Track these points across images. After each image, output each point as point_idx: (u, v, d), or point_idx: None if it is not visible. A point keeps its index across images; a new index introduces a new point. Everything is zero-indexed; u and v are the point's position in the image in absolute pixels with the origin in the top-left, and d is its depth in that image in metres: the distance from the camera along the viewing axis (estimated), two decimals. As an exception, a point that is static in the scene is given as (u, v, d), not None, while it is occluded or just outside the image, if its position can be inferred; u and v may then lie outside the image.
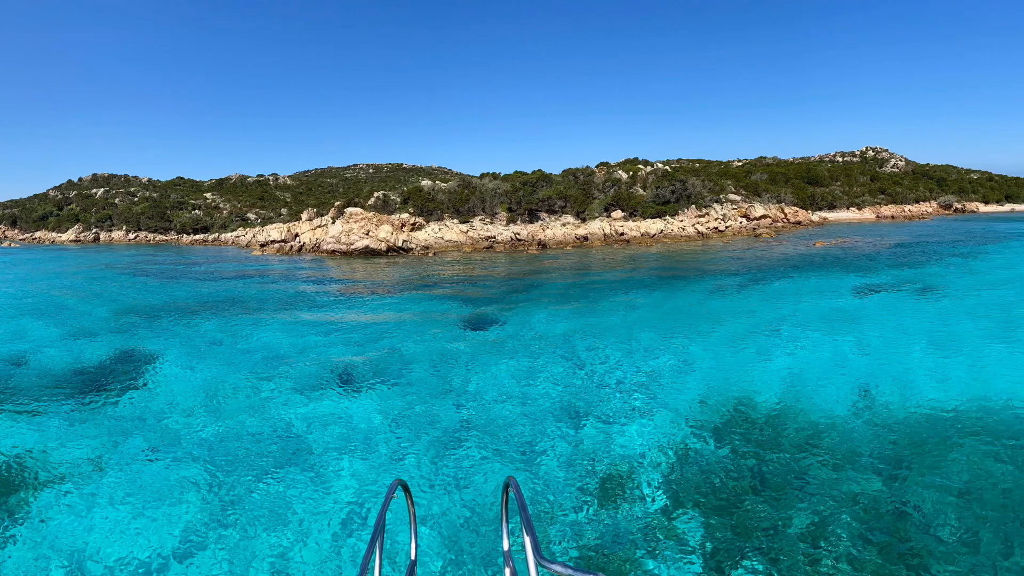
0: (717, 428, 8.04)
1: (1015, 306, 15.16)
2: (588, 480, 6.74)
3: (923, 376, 10.16)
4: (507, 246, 32.95)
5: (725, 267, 23.50)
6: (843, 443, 7.64)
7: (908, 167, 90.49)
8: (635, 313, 15.07)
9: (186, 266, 31.06)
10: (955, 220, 56.05)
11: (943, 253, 27.64)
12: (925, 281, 19.49)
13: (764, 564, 5.32)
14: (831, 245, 31.01)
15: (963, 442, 7.59)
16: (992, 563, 5.27)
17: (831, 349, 11.46)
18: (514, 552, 1.87)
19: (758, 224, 40.65)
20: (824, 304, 15.56)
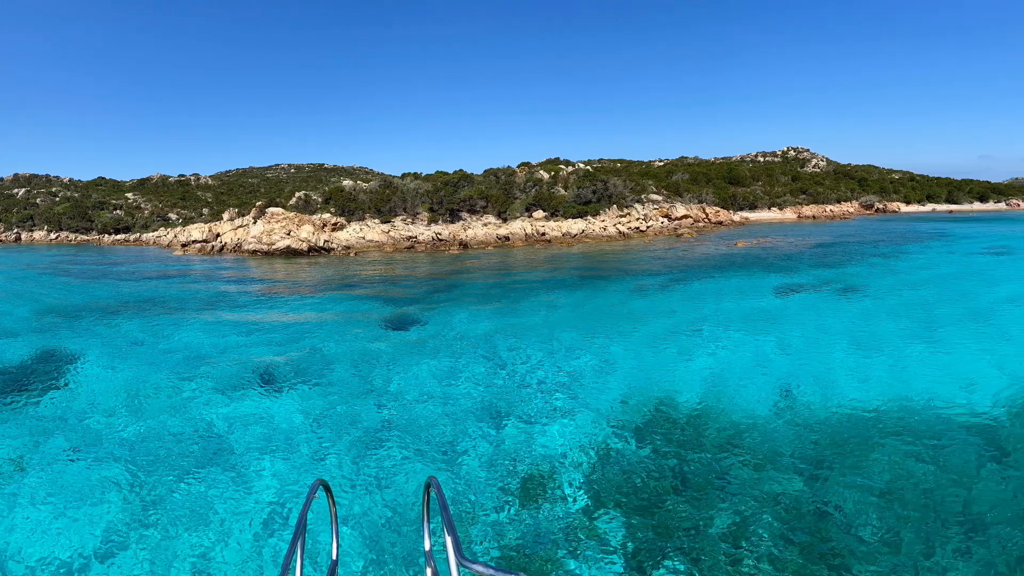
0: (639, 428, 13.61)
1: (936, 306, 25.04)
2: (510, 480, 11.45)
3: (844, 376, 16.58)
4: (429, 246, 55.89)
5: (647, 267, 39.17)
6: (764, 443, 12.74)
7: (830, 167, 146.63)
8: (557, 313, 25.31)
9: (107, 266, 50.82)
10: (877, 220, 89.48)
11: (864, 253, 44.16)
12: (846, 281, 31.44)
13: (686, 564, 9.01)
14: (752, 245, 52.35)
15: (884, 442, 12.73)
16: (914, 563, 9.37)
17: (752, 349, 19.40)
18: (435, 552, 3.36)
19: (679, 224, 70.02)
20: (745, 304, 26.27)
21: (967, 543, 9.36)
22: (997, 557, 8.96)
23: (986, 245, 51.21)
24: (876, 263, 38.96)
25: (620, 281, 33.33)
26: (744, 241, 55.56)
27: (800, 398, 15.14)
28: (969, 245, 51.29)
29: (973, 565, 8.89)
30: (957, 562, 8.98)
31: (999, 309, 24.18)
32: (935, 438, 12.85)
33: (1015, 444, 12.29)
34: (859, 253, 44.63)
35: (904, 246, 49.54)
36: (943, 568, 8.92)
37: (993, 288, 29.21)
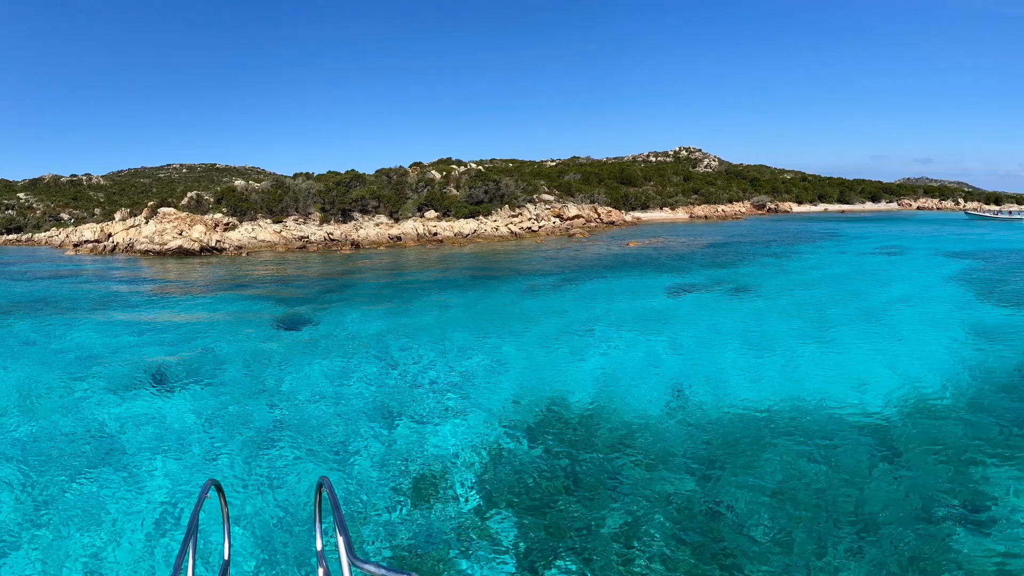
0: (531, 428, 14.47)
1: (828, 306, 26.51)
2: (401, 480, 12.19)
3: (736, 376, 17.37)
4: (320, 246, 58.93)
5: (538, 267, 41.72)
6: (656, 443, 13.36)
7: (722, 167, 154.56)
8: (448, 313, 26.84)
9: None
10: (769, 220, 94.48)
11: (756, 253, 46.56)
12: (738, 281, 32.99)
13: (577, 564, 9.51)
14: (644, 245, 55.46)
15: (776, 442, 13.33)
16: (805, 563, 9.85)
17: (644, 349, 20.58)
18: (327, 552, 3.60)
19: (571, 224, 73.92)
20: (638, 304, 27.90)
21: (859, 543, 9.84)
22: (889, 557, 9.45)
23: (878, 245, 54.74)
24: (768, 263, 41.26)
25: (512, 281, 35.21)
26: (636, 241, 58.36)
27: (692, 398, 15.95)
28: (861, 245, 54.69)
29: (865, 565, 9.34)
30: (849, 562, 9.42)
31: (891, 309, 25.74)
32: (827, 438, 13.52)
33: (907, 444, 13.05)
34: (751, 253, 47.15)
35: (796, 246, 52.83)
36: (835, 568, 9.35)
37: (885, 288, 31.12)
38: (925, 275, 35.96)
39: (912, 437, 13.35)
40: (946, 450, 12.68)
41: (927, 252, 48.67)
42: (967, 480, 11.53)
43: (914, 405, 15.07)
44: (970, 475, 11.68)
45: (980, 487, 11.25)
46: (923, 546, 9.63)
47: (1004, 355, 18.74)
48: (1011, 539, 9.67)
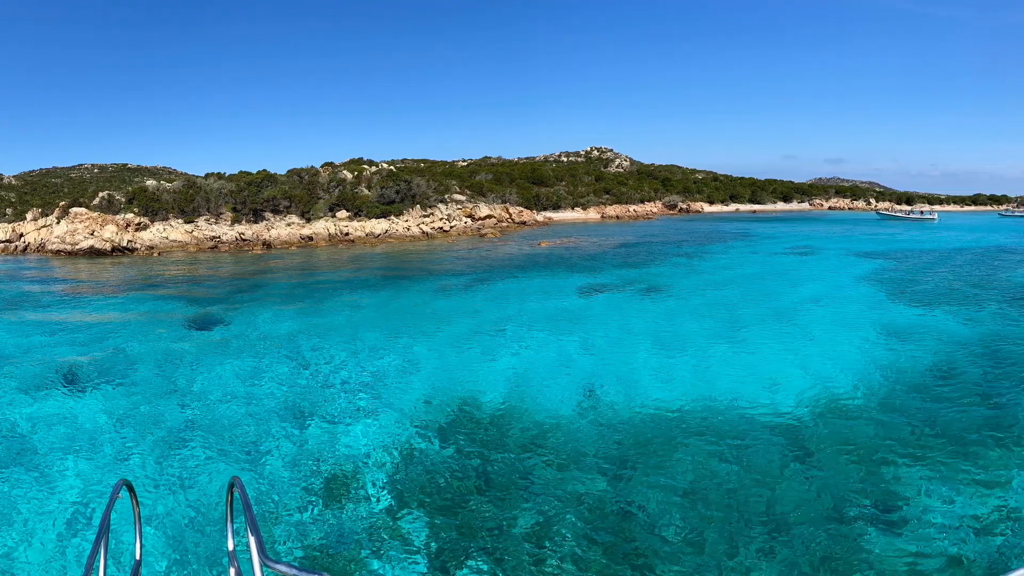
0: (442, 428, 14.92)
1: (739, 306, 27.33)
2: (313, 480, 12.52)
3: (648, 376, 17.76)
4: (232, 246, 60.40)
5: (450, 267, 43.21)
6: (568, 443, 13.66)
7: (633, 167, 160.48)
8: (360, 313, 27.72)
9: (-92, 268, 51.40)
10: (680, 220, 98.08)
11: (668, 253, 48.13)
12: (650, 281, 33.97)
13: (489, 564, 9.78)
14: (556, 245, 57.74)
15: (688, 442, 13.62)
16: (717, 563, 10.09)
17: (556, 349, 21.20)
18: (239, 552, 3.66)
19: (483, 224, 76.61)
20: (549, 304, 28.84)
21: (771, 543, 10.10)
22: (800, 557, 9.72)
23: (789, 245, 56.96)
24: (680, 263, 42.68)
25: (424, 281, 36.36)
26: (548, 241, 60.37)
27: (604, 398, 16.38)
28: (772, 245, 56.81)
29: (776, 565, 9.59)
30: (761, 562, 9.66)
31: (802, 309, 26.68)
32: (739, 438, 13.88)
33: (818, 444, 13.47)
34: (663, 253, 48.73)
35: (708, 246, 54.83)
36: (747, 568, 9.59)
37: (796, 288, 32.28)
38: (837, 275, 37.46)
39: (824, 437, 13.77)
40: (858, 450, 13.11)
41: (839, 252, 50.84)
42: (879, 480, 11.93)
43: (826, 405, 15.58)
44: (882, 475, 12.10)
45: (891, 487, 11.65)
46: (835, 546, 9.91)
47: (915, 355, 19.55)
48: (922, 539, 10.03)
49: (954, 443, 13.31)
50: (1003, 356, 19.33)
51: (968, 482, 11.71)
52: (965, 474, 12.02)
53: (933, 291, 31.07)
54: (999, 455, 12.73)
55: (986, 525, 10.35)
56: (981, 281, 34.76)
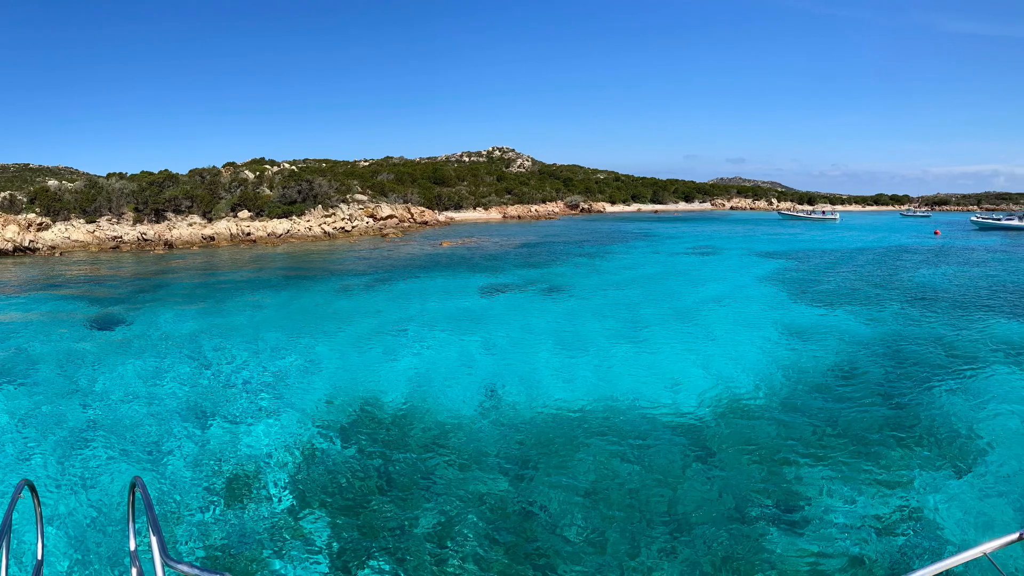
0: (344, 428, 15.30)
1: (641, 306, 28.00)
2: (215, 480, 12.75)
3: (550, 376, 18.05)
4: (134, 246, 61.96)
5: (352, 267, 44.65)
6: (470, 443, 13.96)
7: (535, 167, 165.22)
8: (262, 313, 28.39)
9: None
10: (582, 220, 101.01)
11: (570, 253, 49.34)
12: (552, 281, 34.74)
13: (391, 564, 9.99)
14: (458, 245, 59.70)
15: (590, 442, 13.83)
16: (619, 563, 10.26)
17: (458, 349, 21.84)
18: (141, 552, 3.71)
19: (385, 224, 79.59)
20: (451, 304, 29.78)
21: (672, 543, 10.31)
22: (702, 557, 9.94)
23: (691, 245, 58.70)
24: (581, 263, 43.89)
25: (325, 281, 37.47)
26: (449, 241, 61.84)
27: (505, 398, 16.77)
28: (674, 245, 58.53)
29: (678, 565, 9.79)
30: (662, 562, 9.85)
31: (704, 309, 27.38)
32: (640, 438, 14.14)
33: (720, 444, 13.82)
34: (564, 253, 50.09)
35: (609, 246, 56.60)
36: (648, 568, 9.76)
37: (698, 288, 33.21)
38: (738, 275, 38.69)
39: (725, 437, 14.14)
40: (759, 450, 13.49)
41: (740, 252, 52.70)
42: (780, 480, 12.30)
43: (727, 405, 16.01)
44: (783, 475, 12.48)
45: (793, 487, 12.01)
46: (736, 546, 10.17)
47: (817, 355, 20.28)
48: (824, 539, 10.35)
49: (856, 443, 13.77)
50: (904, 356, 20.14)
51: (870, 482, 12.11)
52: (867, 474, 12.43)
53: (835, 291, 32.33)
54: (901, 455, 13.21)
55: (888, 525, 10.71)
56: (882, 281, 36.34)
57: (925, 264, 45.42)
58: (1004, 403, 15.88)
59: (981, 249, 57.81)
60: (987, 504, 11.29)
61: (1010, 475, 12.30)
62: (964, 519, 10.84)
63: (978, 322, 24.76)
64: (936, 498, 11.44)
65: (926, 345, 21.32)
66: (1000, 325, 24.32)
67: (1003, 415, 15.16)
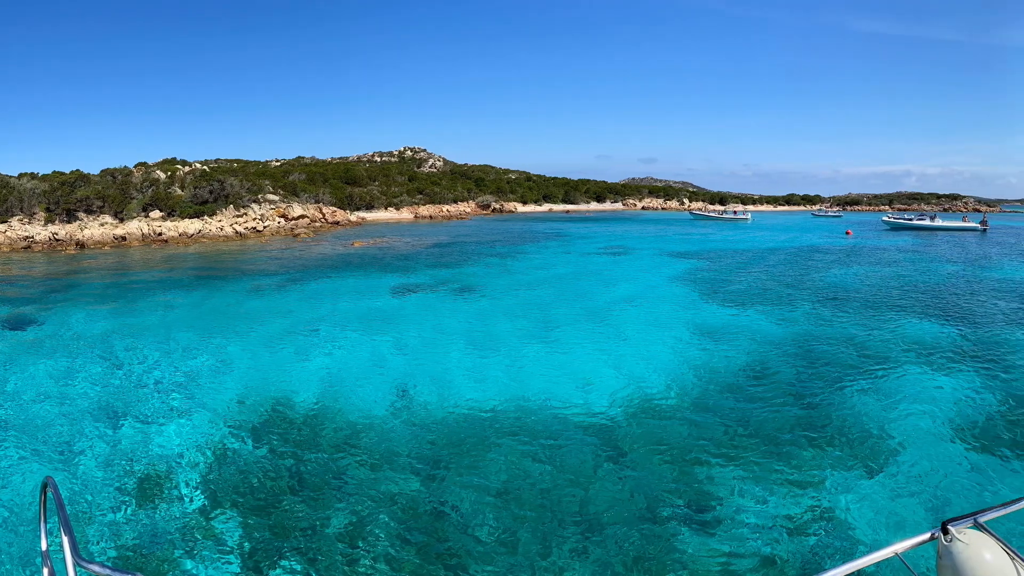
0: (255, 428, 15.55)
1: (553, 306, 28.47)
2: (126, 480, 13.00)
3: (461, 376, 18.29)
4: (45, 246, 62.74)
5: (263, 267, 45.67)
6: (381, 443, 14.18)
7: (447, 167, 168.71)
8: (173, 313, 29.05)
9: None
10: (494, 220, 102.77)
11: (481, 253, 50.18)
12: (463, 281, 35.22)
13: (302, 564, 10.17)
14: (369, 245, 60.98)
15: (501, 442, 13.99)
16: (530, 563, 10.37)
17: (369, 349, 22.32)
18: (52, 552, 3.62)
19: (296, 224, 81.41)
20: (362, 304, 30.53)
21: (584, 543, 10.45)
22: (614, 557, 10.10)
23: (602, 245, 59.90)
24: (493, 263, 44.74)
25: (237, 281, 38.20)
26: (361, 241, 62.25)
27: (417, 398, 16.97)
28: (585, 245, 59.79)
29: (590, 565, 9.94)
30: (574, 562, 9.98)
31: (615, 309, 27.89)
32: (552, 438, 14.32)
33: (631, 444, 14.06)
34: (476, 253, 51.04)
35: (521, 246, 57.87)
36: (560, 568, 9.89)
37: (609, 288, 33.82)
38: (650, 275, 39.56)
39: (637, 437, 14.39)
40: (671, 450, 13.74)
41: (652, 252, 53.91)
42: (692, 480, 12.54)
43: (639, 405, 16.28)
44: (695, 475, 12.72)
45: (705, 487, 12.26)
46: (648, 546, 10.35)
47: (729, 355, 20.75)
48: (736, 539, 10.59)
49: (767, 443, 14.07)
50: (816, 356, 20.70)
51: (781, 482, 12.39)
52: (778, 474, 12.71)
53: (746, 291, 33.19)
54: (812, 455, 13.52)
55: (799, 525, 10.98)
56: (794, 281, 37.42)
57: (836, 264, 46.94)
58: (916, 403, 16.36)
59: (892, 249, 59.90)
60: (899, 504, 11.64)
61: (922, 475, 12.69)
62: (876, 519, 11.16)
63: (889, 322, 25.59)
64: (848, 498, 11.75)
65: (837, 345, 21.94)
66: (911, 325, 25.14)
67: (915, 415, 15.61)
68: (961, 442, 14.24)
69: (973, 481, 12.55)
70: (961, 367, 19.50)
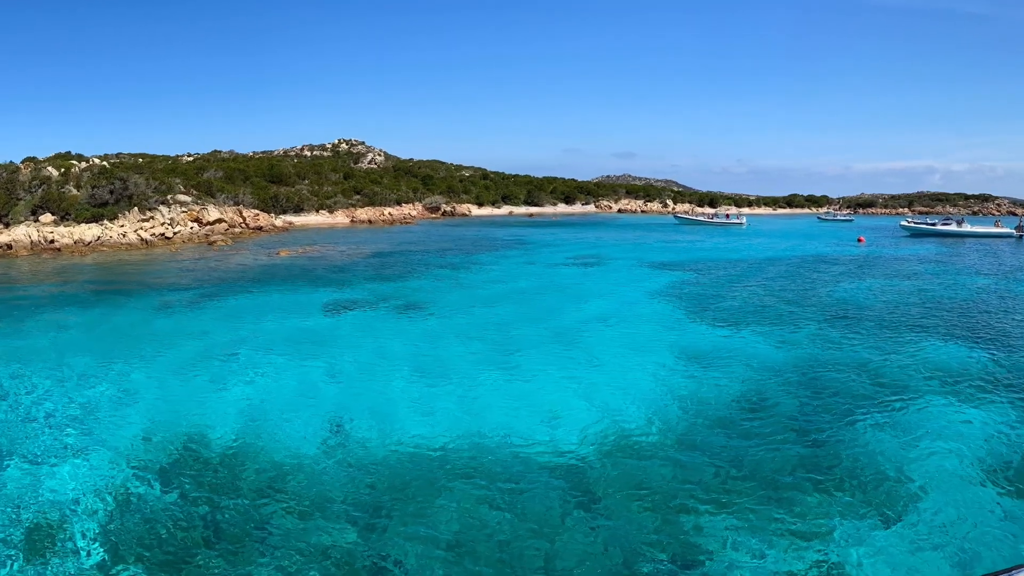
0: (164, 469, 15.44)
1: (513, 326, 28.63)
2: (12, 531, 12.84)
3: (406, 408, 18.40)
4: None
5: (174, 280, 45.45)
6: (312, 487, 14.17)
7: (389, 163, 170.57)
8: (68, 334, 28.94)
9: None
10: (444, 225, 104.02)
11: (429, 264, 50.56)
12: (408, 297, 35.58)
13: None
14: (298, 254, 61.90)
15: (453, 485, 14.02)
16: None
17: (298, 376, 22.49)
18: None
19: (212, 230, 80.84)
20: (290, 324, 30.90)
21: (550, 605, 10.54)
22: (585, 620, 10.20)
23: (572, 254, 60.37)
24: (443, 276, 45.10)
25: (143, 297, 38.31)
26: (288, 250, 62.84)
27: (354, 434, 17.02)
28: (552, 255, 60.24)
29: (555, 628, 10.01)
30: (538, 626, 10.06)
31: (587, 330, 28.06)
32: (512, 481, 14.42)
33: (606, 488, 14.15)
34: (423, 264, 51.31)
35: (476, 255, 58.16)
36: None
37: (580, 305, 34.09)
38: (627, 290, 39.96)
39: (612, 480, 14.49)
40: (652, 495, 13.84)
41: (630, 263, 54.48)
42: (677, 530, 12.61)
43: (615, 442, 16.39)
44: (680, 524, 12.80)
45: (692, 538, 12.34)
46: (625, 608, 10.49)
47: (720, 383, 20.96)
48: (727, 600, 10.74)
49: (765, 487, 14.10)
50: (823, 385, 20.85)
51: (782, 533, 12.42)
52: (778, 523, 12.73)
53: (741, 309, 33.59)
54: (818, 501, 13.53)
55: (803, 584, 11.05)
56: (797, 297, 37.84)
57: (847, 277, 47.54)
58: (940, 440, 16.44)
59: (912, 259, 60.71)
60: (920, 559, 11.73)
61: (947, 524, 12.74)
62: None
63: (909, 345, 25.88)
64: (860, 552, 11.79)
65: (848, 372, 22.13)
66: (935, 348, 25.43)
67: (939, 454, 15.66)
68: (993, 486, 14.27)
69: (1007, 531, 12.61)
70: (993, 398, 19.66)
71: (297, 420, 18.03)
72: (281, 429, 17.43)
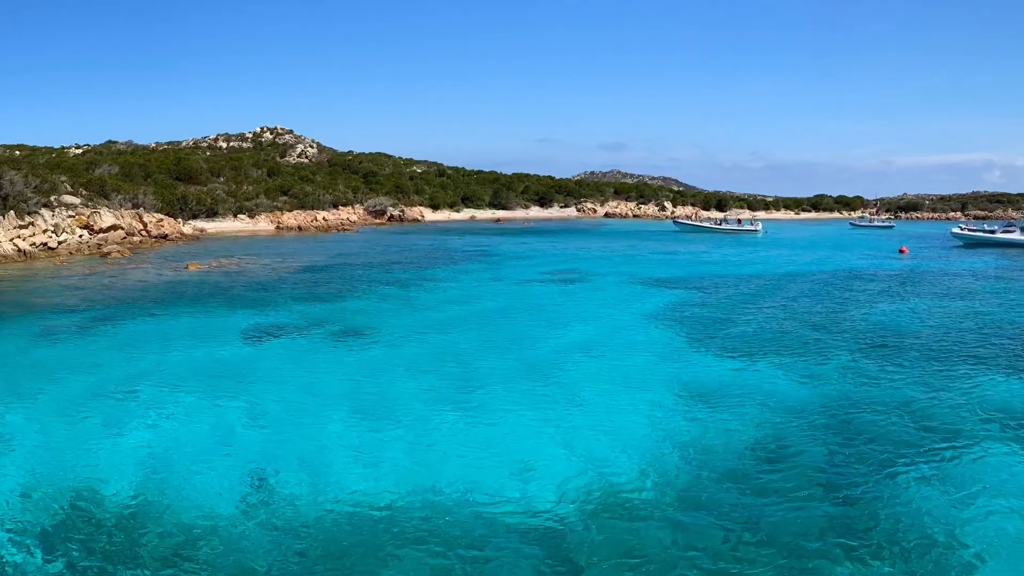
0: (47, 533, 14.97)
1: (476, 356, 28.53)
2: None
3: (344, 458, 18.10)
4: None
5: (59, 301, 44.73)
6: (229, 554, 13.82)
7: (323, 156, 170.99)
8: None
9: None
10: (391, 232, 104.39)
11: (373, 280, 50.57)
12: (346, 321, 35.47)
13: None
14: (212, 268, 61.54)
15: (402, 553, 13.74)
16: None
17: (212, 418, 22.13)
18: None
19: (106, 239, 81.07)
20: (201, 354, 30.51)
21: None
22: None
23: (548, 269, 60.72)
24: (389, 295, 45.06)
25: (20, 321, 37.78)
26: (199, 263, 62.45)
27: (280, 490, 16.72)
28: (523, 269, 60.45)
29: None
30: None
31: (566, 362, 27.92)
32: (475, 547, 14.17)
33: (590, 556, 13.89)
34: (365, 280, 51.13)
35: (430, 270, 58.25)
36: None
37: (558, 331, 33.96)
38: (616, 312, 39.96)
39: (598, 546, 14.25)
40: (647, 564, 13.59)
41: (619, 279, 54.63)
42: (676, 610, 12.43)
43: (601, 500, 16.19)
44: (681, 602, 12.62)
45: (696, 620, 12.16)
46: None
47: (730, 427, 20.79)
48: None
49: (786, 554, 13.80)
50: (857, 429, 20.62)
51: (806, 612, 12.18)
52: (802, 601, 12.50)
53: (756, 336, 33.55)
54: (851, 572, 13.25)
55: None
56: (825, 321, 37.84)
57: (886, 296, 47.80)
58: (1000, 497, 16.20)
59: (966, 274, 61.07)
60: None
61: None
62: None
63: (962, 380, 25.78)
64: None
65: (887, 413, 21.96)
66: (994, 384, 25.29)
67: (998, 514, 15.38)
68: (1065, 554, 14.03)
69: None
70: (1067, 446, 19.47)
71: (210, 472, 17.67)
72: (191, 483, 17.04)
